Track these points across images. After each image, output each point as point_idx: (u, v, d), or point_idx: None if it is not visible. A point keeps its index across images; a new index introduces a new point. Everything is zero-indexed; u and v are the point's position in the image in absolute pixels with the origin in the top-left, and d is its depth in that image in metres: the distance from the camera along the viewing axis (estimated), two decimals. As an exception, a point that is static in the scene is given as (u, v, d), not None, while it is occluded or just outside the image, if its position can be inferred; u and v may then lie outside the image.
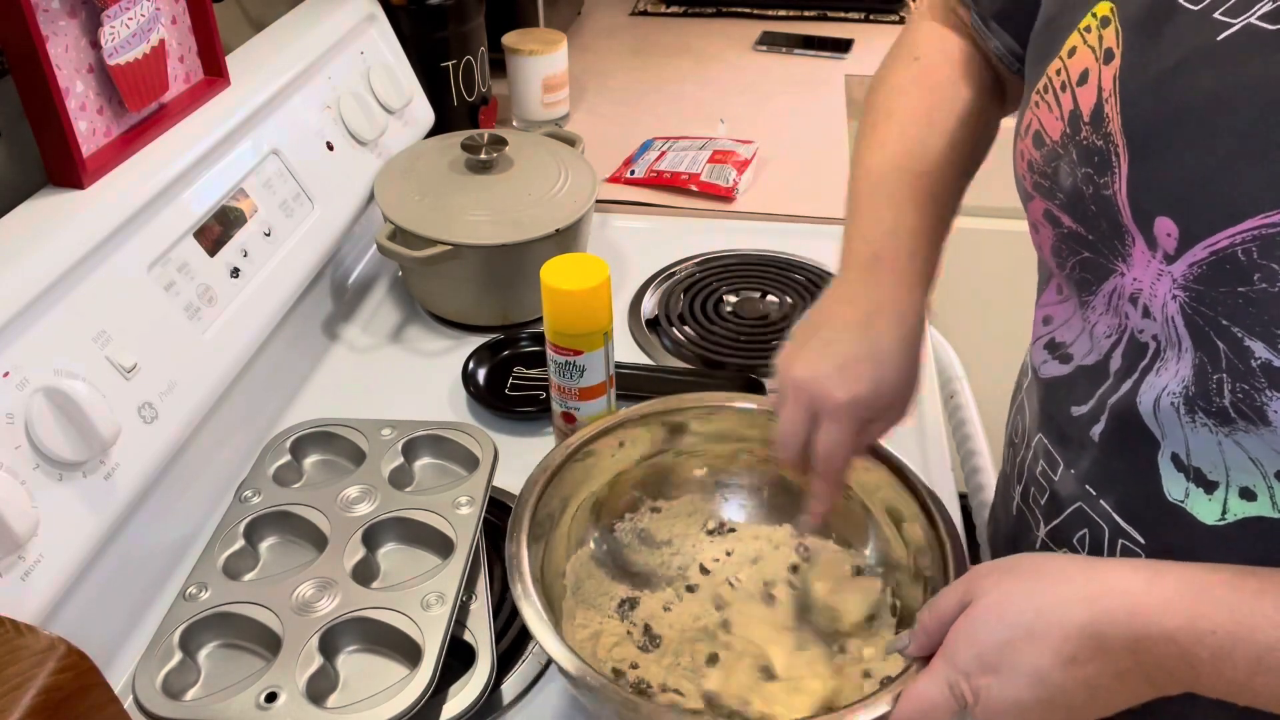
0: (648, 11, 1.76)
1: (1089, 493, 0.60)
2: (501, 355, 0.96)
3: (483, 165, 1.01)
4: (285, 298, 0.88)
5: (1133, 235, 0.51)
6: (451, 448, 0.80)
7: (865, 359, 0.61)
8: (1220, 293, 0.47)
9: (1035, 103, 0.58)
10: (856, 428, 0.61)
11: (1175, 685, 0.47)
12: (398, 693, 0.60)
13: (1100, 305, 0.57)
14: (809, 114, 1.40)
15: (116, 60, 0.75)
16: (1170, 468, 0.53)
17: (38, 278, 0.64)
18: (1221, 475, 0.51)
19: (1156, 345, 0.53)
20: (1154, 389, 0.53)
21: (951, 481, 0.84)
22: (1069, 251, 0.57)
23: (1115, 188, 0.51)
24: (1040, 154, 0.57)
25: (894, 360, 0.61)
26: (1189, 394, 0.51)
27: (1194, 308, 0.49)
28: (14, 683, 0.43)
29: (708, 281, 1.06)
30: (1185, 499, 0.53)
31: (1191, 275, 0.48)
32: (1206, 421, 0.50)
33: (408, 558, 0.72)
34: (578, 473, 0.70)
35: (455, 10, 1.16)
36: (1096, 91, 0.53)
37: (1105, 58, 0.52)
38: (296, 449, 0.80)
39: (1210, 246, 0.47)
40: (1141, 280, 0.52)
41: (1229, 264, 0.46)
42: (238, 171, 0.85)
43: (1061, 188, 0.56)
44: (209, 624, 0.66)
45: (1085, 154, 0.53)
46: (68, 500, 0.63)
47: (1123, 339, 0.55)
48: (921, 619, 0.55)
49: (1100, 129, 0.52)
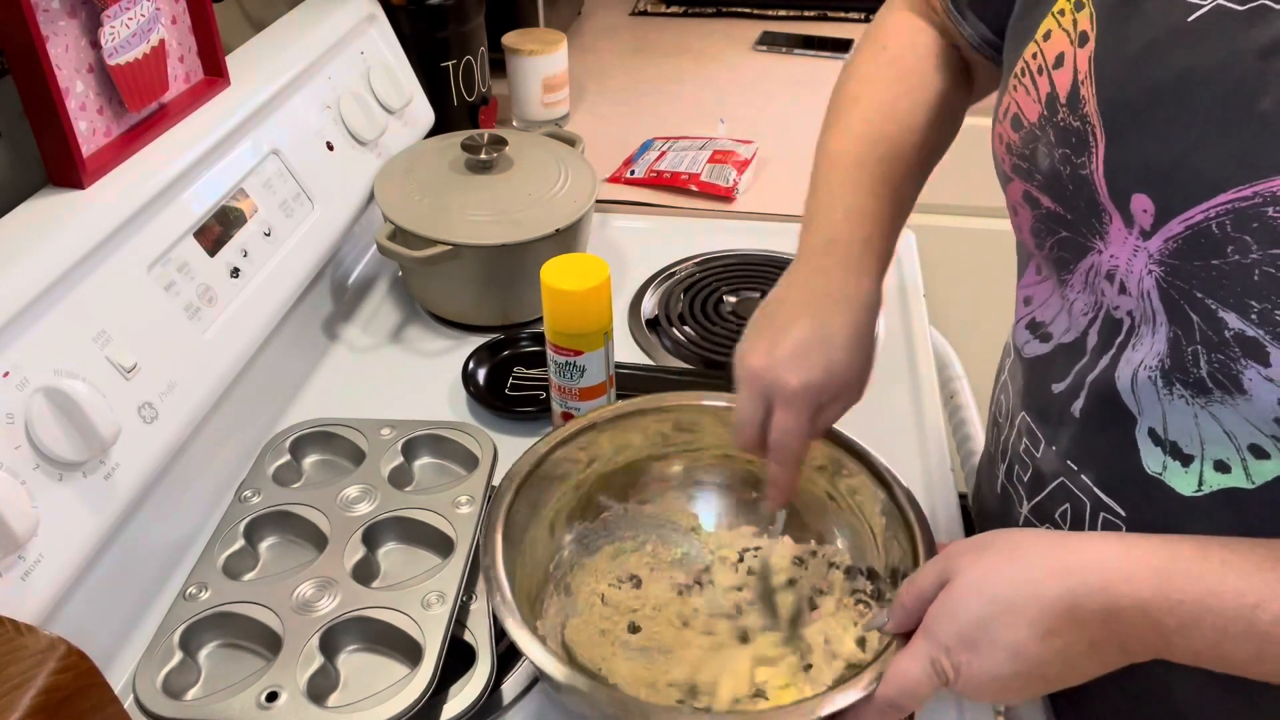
0: (648, 11, 1.76)
1: (1070, 468, 0.62)
2: (501, 355, 0.96)
3: (483, 165, 1.01)
4: (285, 298, 0.88)
5: (1110, 213, 0.53)
6: (451, 447, 0.80)
7: (816, 345, 0.62)
8: (1195, 266, 0.49)
9: (1013, 86, 0.59)
10: (810, 413, 0.63)
11: (1147, 653, 0.49)
12: (399, 692, 0.60)
13: (1078, 284, 0.58)
14: (809, 114, 1.39)
15: (116, 60, 0.75)
16: (1148, 441, 0.55)
17: (38, 278, 0.64)
18: (1197, 449, 0.53)
19: (1131, 321, 0.54)
20: (1131, 364, 0.55)
21: (951, 481, 0.84)
22: (1047, 231, 0.59)
23: (1092, 167, 0.53)
24: (1018, 136, 0.58)
25: (845, 345, 0.63)
26: (1165, 367, 0.52)
27: (1169, 282, 0.50)
28: (14, 683, 0.43)
29: (708, 281, 1.06)
30: (1163, 472, 0.55)
31: (1167, 250, 0.50)
32: (1184, 393, 0.52)
33: (408, 557, 0.72)
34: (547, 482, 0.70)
35: (455, 10, 1.16)
36: (1072, 74, 0.54)
37: (1080, 40, 0.54)
38: (296, 449, 0.80)
39: (1186, 221, 0.48)
40: (1119, 257, 0.53)
41: (1204, 238, 0.48)
42: (238, 171, 0.85)
43: (1039, 169, 0.57)
44: (209, 624, 0.66)
45: (1062, 135, 0.55)
46: (68, 500, 0.63)
47: (1099, 316, 0.57)
48: (900, 596, 0.56)
49: (1077, 110, 0.54)
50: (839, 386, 0.63)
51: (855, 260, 0.65)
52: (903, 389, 0.94)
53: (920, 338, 1.00)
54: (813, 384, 0.62)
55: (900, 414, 0.91)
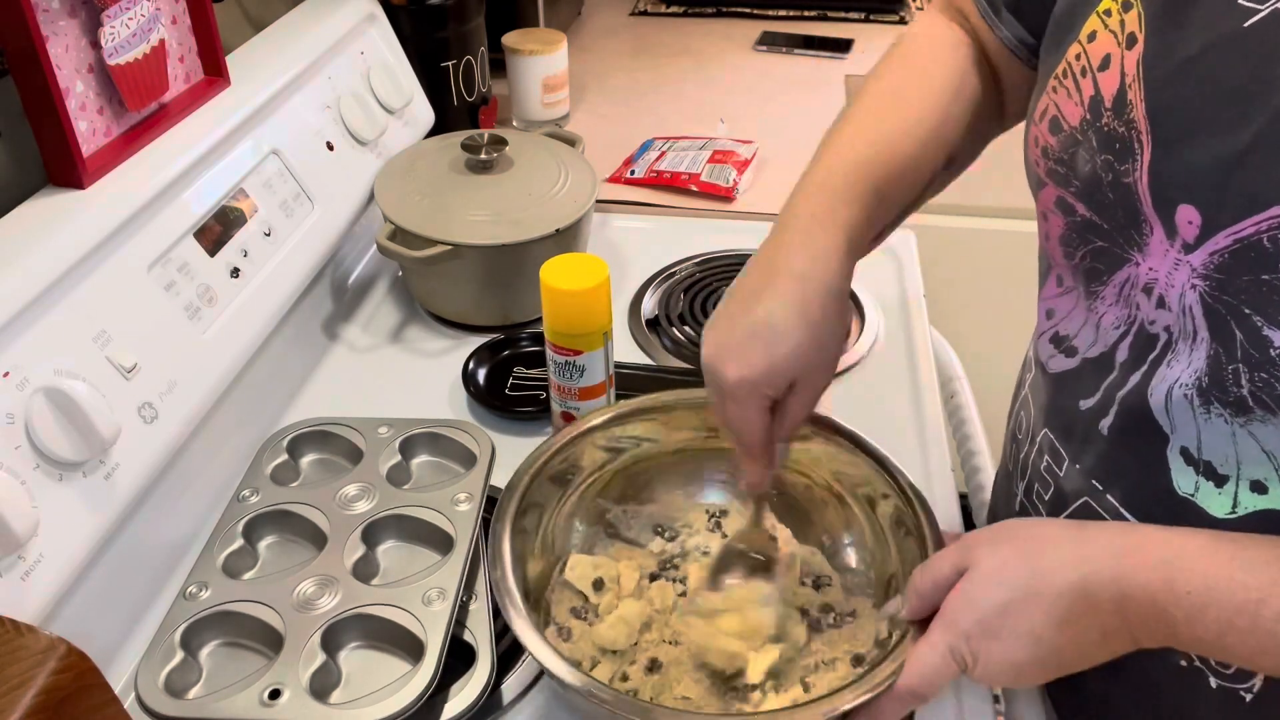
0: (648, 11, 1.76)
1: (1095, 487, 0.60)
2: (502, 355, 0.96)
3: (483, 165, 1.01)
4: (285, 298, 0.88)
5: (1151, 224, 0.51)
6: (448, 445, 0.80)
7: (760, 334, 0.58)
8: (1242, 281, 0.47)
9: (1053, 88, 0.57)
10: (758, 404, 0.60)
11: (1154, 641, 0.50)
12: (401, 687, 0.61)
13: (1110, 296, 0.56)
14: (809, 114, 1.40)
15: (116, 60, 0.75)
16: (1180, 461, 0.54)
17: (38, 278, 0.64)
18: (1233, 468, 0.51)
19: (1168, 336, 0.52)
20: (1165, 381, 0.53)
21: (951, 481, 0.84)
22: (1080, 241, 0.57)
23: (1136, 175, 0.51)
24: (1056, 140, 0.56)
25: (790, 332, 0.58)
26: (1202, 385, 0.51)
27: (1214, 296, 0.49)
28: (14, 683, 0.43)
29: (708, 281, 1.06)
30: (1195, 493, 0.53)
31: (1212, 264, 0.48)
32: (1222, 412, 0.50)
33: (407, 554, 0.72)
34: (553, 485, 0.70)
35: (455, 10, 1.16)
36: (1119, 77, 0.52)
37: (1128, 42, 0.52)
38: (293, 448, 0.80)
39: (1234, 235, 0.47)
40: (1157, 270, 0.52)
41: (1253, 252, 0.46)
42: (238, 171, 0.85)
43: (1078, 175, 0.55)
44: (210, 623, 0.66)
45: (1106, 140, 0.53)
46: (68, 500, 0.63)
47: (1131, 330, 0.55)
48: (914, 584, 0.56)
49: (1123, 115, 0.52)
50: (789, 374, 0.59)
51: (816, 232, 0.60)
52: (903, 389, 0.94)
53: (920, 338, 1.00)
54: (749, 378, 0.58)
55: (900, 415, 0.91)
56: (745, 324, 0.59)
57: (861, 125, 0.66)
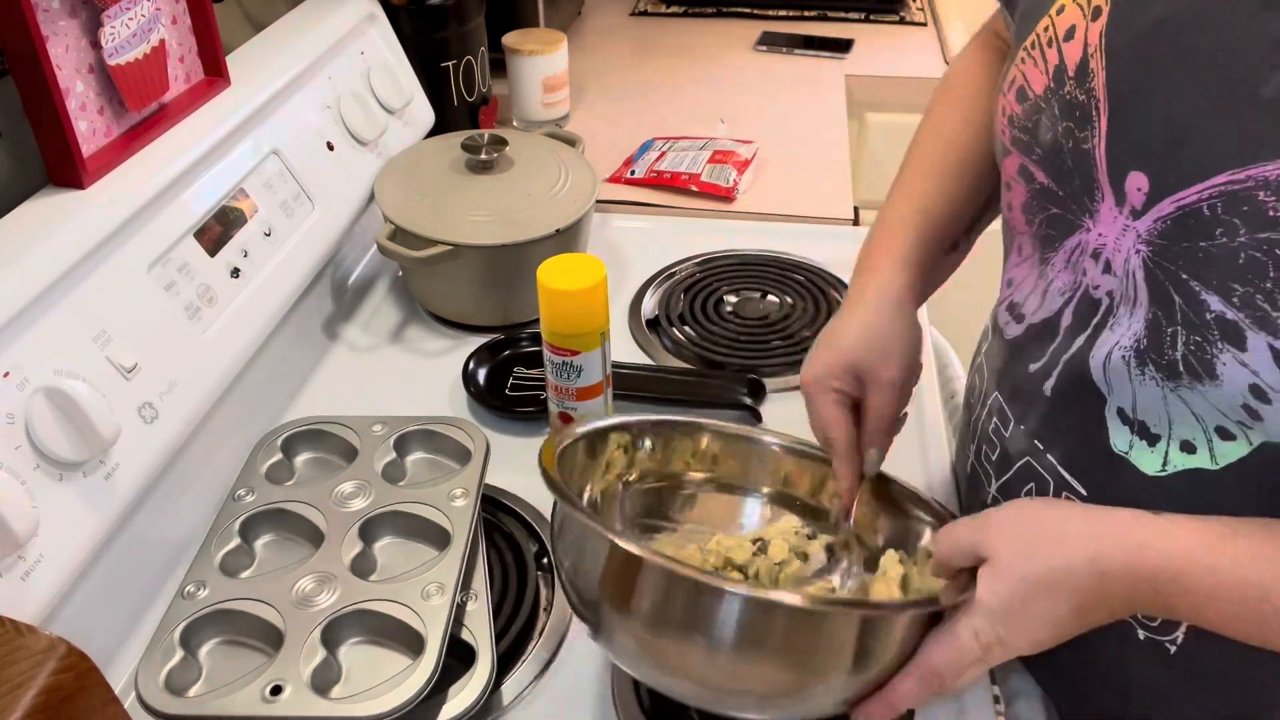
0: (648, 11, 1.76)
1: (1036, 447, 0.63)
2: (502, 355, 0.96)
3: (483, 165, 1.01)
4: (285, 298, 0.88)
5: (1103, 190, 0.54)
6: (443, 441, 0.80)
7: (821, 343, 0.68)
8: (1182, 247, 0.49)
9: (1022, 59, 0.60)
10: (832, 397, 0.66)
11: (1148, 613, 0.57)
12: (403, 681, 0.61)
13: (1060, 262, 0.59)
14: (809, 114, 1.40)
15: (117, 60, 0.75)
16: (1116, 421, 0.57)
17: (38, 278, 0.64)
18: (1165, 429, 0.54)
19: (1110, 301, 0.55)
20: (1105, 345, 0.56)
21: (952, 482, 0.84)
22: (1038, 208, 0.60)
23: (1094, 142, 0.54)
24: (1022, 108, 0.59)
25: (845, 333, 0.67)
26: (1140, 347, 0.53)
27: (1155, 262, 0.51)
28: (14, 683, 0.43)
29: (708, 281, 1.07)
30: (1129, 450, 0.57)
31: (1156, 230, 0.51)
32: (1155, 375, 0.53)
33: (405, 551, 0.72)
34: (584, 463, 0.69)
35: (455, 10, 1.17)
36: (1082, 47, 0.54)
37: (1093, 14, 0.54)
38: (288, 447, 0.80)
39: (1178, 201, 0.49)
40: (1106, 236, 0.54)
41: (1193, 219, 0.48)
42: (238, 171, 0.86)
43: (1040, 142, 0.58)
44: (209, 621, 0.66)
45: (1067, 108, 0.55)
46: (68, 500, 0.63)
47: (1075, 295, 0.58)
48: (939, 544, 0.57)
49: (1084, 84, 0.54)
50: (849, 366, 0.65)
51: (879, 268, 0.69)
52: (902, 389, 0.94)
53: (920, 338, 1.00)
54: (814, 373, 0.66)
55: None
56: (816, 342, 0.68)
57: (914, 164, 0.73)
